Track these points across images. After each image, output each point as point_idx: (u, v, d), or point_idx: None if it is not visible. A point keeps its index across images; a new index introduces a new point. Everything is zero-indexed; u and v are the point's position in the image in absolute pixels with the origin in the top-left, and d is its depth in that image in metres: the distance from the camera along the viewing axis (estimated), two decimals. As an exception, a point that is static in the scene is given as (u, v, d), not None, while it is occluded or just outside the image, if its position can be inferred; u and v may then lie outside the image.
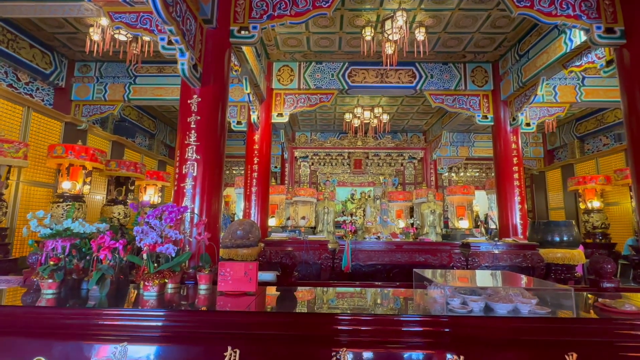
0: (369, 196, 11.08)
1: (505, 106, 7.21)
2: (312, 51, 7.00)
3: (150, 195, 8.92)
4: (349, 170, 12.41)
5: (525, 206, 7.03)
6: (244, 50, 5.22)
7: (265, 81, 7.17)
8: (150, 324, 1.97)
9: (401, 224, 8.47)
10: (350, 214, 10.05)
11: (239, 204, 9.21)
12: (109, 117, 8.60)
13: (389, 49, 5.56)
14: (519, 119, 6.88)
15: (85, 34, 5.89)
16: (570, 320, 1.95)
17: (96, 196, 8.00)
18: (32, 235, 2.55)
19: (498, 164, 7.25)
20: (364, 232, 6.69)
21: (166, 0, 2.90)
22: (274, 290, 2.83)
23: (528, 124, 7.57)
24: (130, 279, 2.73)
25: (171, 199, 3.69)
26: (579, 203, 9.56)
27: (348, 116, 9.40)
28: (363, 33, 5.87)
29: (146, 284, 2.36)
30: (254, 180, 6.93)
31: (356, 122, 9.20)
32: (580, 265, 5.34)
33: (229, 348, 1.86)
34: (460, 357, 1.81)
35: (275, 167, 11.90)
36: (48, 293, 2.34)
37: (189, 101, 3.61)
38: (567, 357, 1.80)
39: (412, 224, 8.74)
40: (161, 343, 1.92)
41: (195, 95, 3.62)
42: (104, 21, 4.92)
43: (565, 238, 4.95)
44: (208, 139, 3.60)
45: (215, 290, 2.51)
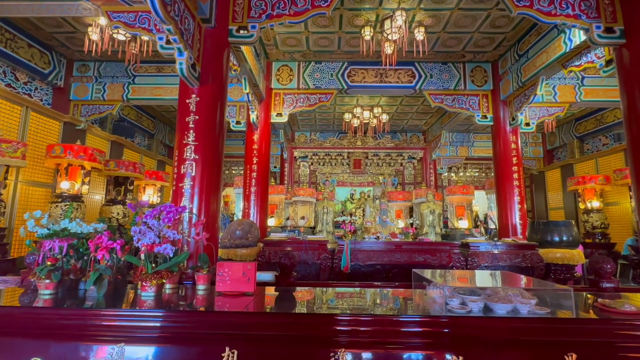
0: (369, 196, 11.06)
1: (504, 106, 7.20)
2: (312, 51, 6.99)
3: (150, 195, 8.91)
4: (348, 170, 12.40)
5: (525, 206, 7.02)
6: (243, 49, 5.21)
7: (265, 81, 7.16)
8: (147, 324, 1.96)
9: (400, 224, 8.46)
10: (350, 214, 10.04)
11: (238, 204, 9.21)
12: (108, 117, 8.58)
13: (388, 49, 5.55)
14: (519, 118, 6.88)
15: (83, 33, 5.87)
16: (570, 320, 1.94)
17: (95, 196, 7.99)
18: (29, 235, 2.54)
19: (497, 164, 7.24)
20: (363, 232, 6.68)
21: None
22: (273, 290, 2.83)
23: (527, 124, 7.56)
24: (128, 280, 2.71)
25: (170, 199, 3.68)
26: (578, 203, 9.55)
27: (347, 116, 9.39)
28: (362, 33, 5.86)
29: (144, 284, 2.35)
30: (253, 180, 6.92)
31: (355, 122, 9.20)
32: (579, 265, 5.34)
33: (227, 349, 1.85)
34: (459, 358, 1.81)
35: (275, 167, 11.89)
36: (45, 293, 2.33)
37: (188, 101, 3.60)
38: (567, 358, 1.79)
39: (412, 224, 8.74)
40: (158, 344, 1.91)
41: (193, 95, 3.61)
42: (103, 21, 4.90)
43: (564, 238, 4.94)
44: (206, 138, 3.59)
45: (213, 290, 2.51)
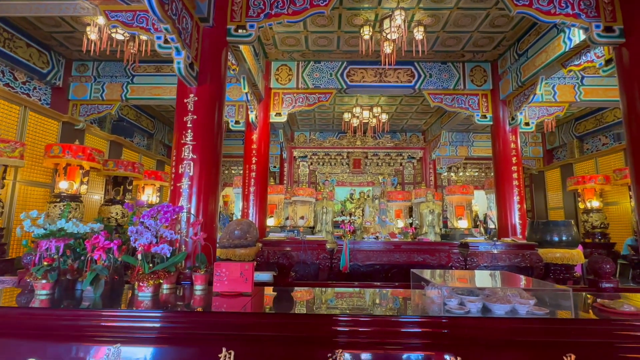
0: (368, 196, 11.05)
1: (504, 106, 7.19)
2: (311, 50, 6.98)
3: (149, 195, 8.89)
4: (348, 170, 12.39)
5: (524, 206, 7.01)
6: (242, 49, 5.21)
7: (264, 80, 7.14)
8: (143, 325, 1.94)
9: (400, 223, 8.44)
10: (349, 214, 10.03)
11: (237, 203, 9.19)
12: (107, 117, 8.57)
13: (388, 48, 5.54)
14: (518, 118, 6.86)
15: (82, 33, 5.85)
16: (569, 321, 1.93)
17: (94, 196, 7.98)
18: (26, 235, 2.52)
19: (497, 164, 7.23)
20: (362, 232, 6.66)
21: (162, -1, 2.88)
22: (271, 290, 2.82)
23: (527, 124, 7.55)
24: (125, 280, 2.70)
25: (168, 198, 3.67)
26: (578, 203, 9.54)
27: (347, 116, 9.38)
28: (361, 32, 5.85)
29: (141, 284, 2.34)
30: (252, 180, 6.91)
31: (355, 122, 9.19)
32: (579, 265, 5.33)
33: (224, 349, 1.84)
34: (458, 359, 1.79)
35: (274, 167, 11.88)
36: (42, 294, 2.32)
37: (186, 100, 3.59)
38: (565, 358, 1.78)
39: (411, 224, 8.72)
40: (155, 344, 1.90)
41: (191, 95, 3.60)
42: (101, 20, 4.88)
43: (564, 238, 4.93)
44: (205, 138, 3.58)
45: (211, 290, 2.49)
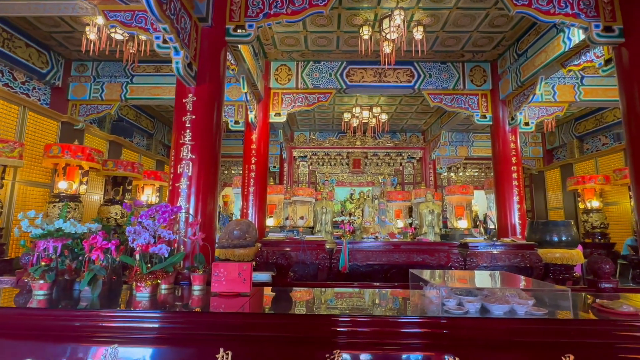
0: (368, 196, 11.04)
1: (503, 106, 7.18)
2: (310, 50, 6.97)
3: (148, 195, 8.88)
4: (347, 170, 12.38)
5: (524, 206, 7.00)
6: (241, 49, 5.20)
7: (263, 80, 7.14)
8: (141, 325, 1.94)
9: (400, 224, 8.43)
10: (349, 214, 10.02)
11: (237, 203, 9.18)
12: (107, 117, 8.56)
13: (387, 48, 5.53)
14: (518, 118, 6.85)
15: (81, 33, 5.85)
16: (567, 321, 1.93)
17: (93, 196, 7.97)
18: (24, 235, 2.52)
19: (497, 164, 7.22)
20: (362, 232, 6.65)
21: (160, -2, 2.87)
22: (269, 291, 2.81)
23: (527, 124, 7.54)
24: (123, 280, 2.70)
25: (166, 198, 3.66)
26: (578, 203, 9.53)
27: (347, 116, 9.37)
28: (361, 32, 5.85)
29: (138, 284, 2.34)
30: (252, 180, 6.90)
31: (355, 122, 9.18)
32: (579, 266, 5.32)
33: (221, 350, 1.83)
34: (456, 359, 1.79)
35: (274, 167, 11.88)
36: (39, 294, 2.31)
37: (184, 100, 3.58)
38: (564, 359, 1.78)
39: (411, 224, 8.71)
40: (152, 345, 1.90)
41: (190, 94, 3.59)
42: (100, 20, 4.88)
43: (563, 238, 4.92)
44: (203, 138, 3.58)
45: (209, 291, 2.49)
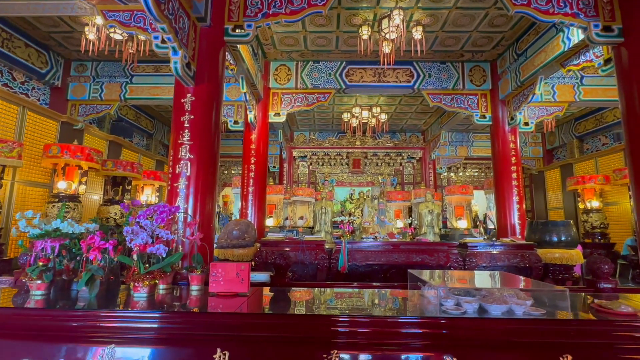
0: (367, 196, 11.04)
1: (503, 105, 7.17)
2: (309, 50, 6.97)
3: (148, 195, 8.88)
4: (347, 170, 12.38)
5: (524, 206, 6.99)
6: (240, 49, 5.19)
7: (262, 80, 7.13)
8: (138, 325, 1.94)
9: (399, 224, 8.43)
10: (349, 214, 10.02)
11: (236, 203, 9.18)
12: (106, 117, 8.57)
13: (386, 48, 5.52)
14: (517, 118, 6.84)
15: (81, 33, 5.85)
16: (565, 322, 1.92)
17: (93, 196, 7.97)
18: (21, 235, 2.52)
19: (496, 164, 7.22)
20: (361, 232, 6.65)
21: (158, -2, 2.87)
22: (267, 291, 2.80)
23: (526, 124, 7.54)
24: (121, 280, 2.69)
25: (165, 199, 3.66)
26: (578, 203, 9.52)
27: (346, 116, 9.36)
28: (360, 32, 5.84)
29: (136, 285, 2.34)
30: (251, 180, 6.89)
31: (354, 122, 9.17)
32: (578, 266, 5.31)
33: (218, 350, 1.83)
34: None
35: (274, 167, 11.88)
36: (37, 294, 2.31)
37: (183, 100, 3.58)
38: (562, 359, 1.77)
39: (411, 224, 8.71)
40: (149, 345, 1.89)
41: (188, 94, 3.59)
42: (99, 20, 4.88)
43: (563, 238, 4.90)
44: (202, 138, 3.57)
45: (207, 291, 2.48)
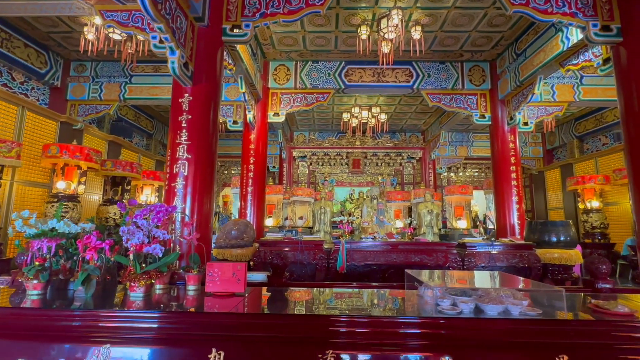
0: (367, 196, 11.03)
1: (502, 105, 7.16)
2: (309, 50, 6.96)
3: (147, 195, 8.89)
4: (347, 170, 12.37)
5: (523, 206, 6.98)
6: (239, 49, 5.19)
7: (261, 80, 7.13)
8: (133, 325, 1.93)
9: (399, 224, 8.42)
10: (349, 214, 10.01)
11: (236, 203, 9.18)
12: (106, 117, 8.57)
13: (385, 48, 5.51)
14: (517, 118, 6.83)
15: (80, 33, 5.86)
16: (561, 322, 1.91)
17: (93, 196, 7.97)
18: (18, 235, 2.52)
19: (495, 164, 7.21)
20: (360, 232, 6.64)
21: (155, -2, 2.87)
22: (265, 291, 2.80)
23: (526, 124, 7.53)
24: (118, 280, 2.69)
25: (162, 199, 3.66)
26: (578, 203, 9.51)
27: (346, 116, 9.36)
28: (359, 32, 5.83)
29: (132, 284, 2.33)
30: (250, 180, 6.89)
31: (354, 122, 9.16)
32: (577, 266, 5.30)
33: (214, 350, 1.83)
34: (449, 360, 1.78)
35: (274, 167, 11.88)
36: (33, 294, 2.31)
37: (180, 100, 3.58)
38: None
39: (410, 224, 8.70)
40: (144, 345, 1.89)
41: (186, 94, 3.59)
42: (98, 20, 4.88)
43: (562, 238, 4.90)
44: (200, 138, 3.57)
45: (203, 291, 2.48)
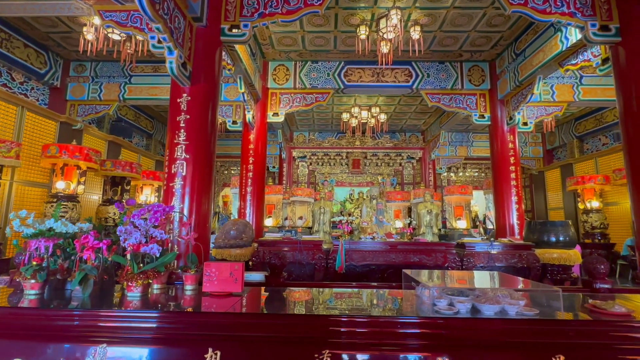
0: (367, 196, 11.03)
1: (502, 105, 7.15)
2: (308, 50, 6.96)
3: (147, 195, 8.90)
4: (347, 170, 12.37)
5: (522, 206, 6.98)
6: (237, 49, 5.19)
7: (261, 80, 7.13)
8: (129, 325, 1.94)
9: (398, 224, 8.42)
10: (349, 214, 10.01)
11: (235, 203, 9.18)
12: (105, 117, 8.58)
13: (384, 48, 5.51)
14: (516, 118, 6.83)
15: (79, 33, 5.86)
16: (558, 322, 1.91)
17: (92, 196, 7.98)
18: (16, 235, 2.52)
19: (495, 164, 7.20)
20: (359, 232, 6.65)
21: (153, -2, 2.87)
22: (262, 291, 2.80)
23: (525, 124, 7.52)
24: (115, 280, 2.69)
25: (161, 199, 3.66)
26: (578, 203, 9.49)
27: (345, 116, 9.35)
28: (358, 32, 5.83)
29: (129, 284, 2.33)
30: (249, 180, 6.89)
31: (354, 122, 9.16)
32: (577, 266, 5.29)
33: (210, 350, 1.83)
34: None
35: (273, 167, 11.88)
36: (31, 293, 2.31)
37: (179, 100, 3.58)
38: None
39: (410, 224, 8.70)
40: (141, 345, 1.89)
41: (184, 94, 3.59)
42: (97, 20, 4.88)
43: (561, 238, 4.89)
44: (198, 138, 3.57)
45: (201, 291, 2.48)
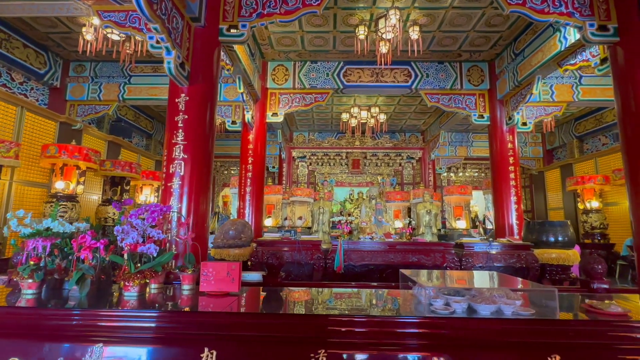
0: (366, 196, 11.03)
1: (501, 105, 7.15)
2: (307, 50, 6.97)
3: (147, 195, 8.90)
4: (347, 171, 12.37)
5: (522, 206, 6.98)
6: (236, 49, 5.20)
7: (260, 80, 7.14)
8: (126, 324, 1.94)
9: (398, 224, 8.42)
10: (348, 214, 10.01)
11: (234, 203, 9.19)
12: (105, 117, 8.59)
13: (383, 48, 5.52)
14: (515, 118, 6.83)
15: (78, 33, 5.87)
16: (554, 322, 1.91)
17: (92, 196, 7.99)
18: (13, 235, 2.53)
19: (494, 164, 7.20)
20: (358, 232, 6.65)
21: (151, -2, 2.88)
22: (260, 290, 2.81)
23: (524, 124, 7.52)
24: (112, 279, 2.70)
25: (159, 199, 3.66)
26: (577, 203, 9.49)
27: (345, 116, 9.35)
28: (357, 32, 5.84)
29: (126, 284, 2.34)
30: (248, 180, 6.89)
31: (353, 122, 9.16)
32: (576, 266, 5.29)
33: (206, 349, 1.83)
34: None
35: (273, 167, 11.88)
36: (28, 293, 2.32)
37: (177, 100, 3.59)
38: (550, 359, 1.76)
39: (409, 224, 8.70)
40: (137, 344, 1.90)
41: (182, 94, 3.60)
42: (97, 20, 4.89)
43: (560, 238, 4.89)
44: (196, 138, 3.58)
45: (198, 290, 2.48)
